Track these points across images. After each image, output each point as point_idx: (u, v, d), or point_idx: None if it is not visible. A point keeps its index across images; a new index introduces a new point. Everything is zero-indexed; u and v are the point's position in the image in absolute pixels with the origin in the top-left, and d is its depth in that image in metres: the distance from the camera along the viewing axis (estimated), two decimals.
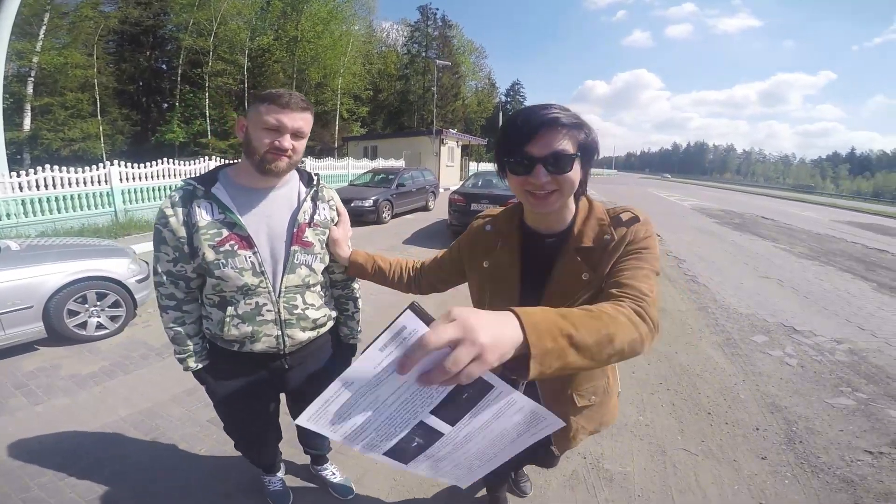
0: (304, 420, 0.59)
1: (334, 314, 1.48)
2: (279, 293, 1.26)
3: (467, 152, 25.23)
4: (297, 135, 1.16)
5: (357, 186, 10.85)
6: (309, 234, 1.28)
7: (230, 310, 1.24)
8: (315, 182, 1.35)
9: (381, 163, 17.66)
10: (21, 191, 7.34)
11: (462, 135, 24.27)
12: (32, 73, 18.39)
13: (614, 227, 0.95)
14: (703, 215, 14.30)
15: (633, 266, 0.88)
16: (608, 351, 0.65)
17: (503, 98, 53.63)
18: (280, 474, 1.87)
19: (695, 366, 3.25)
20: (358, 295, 1.57)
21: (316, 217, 1.31)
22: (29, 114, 18.68)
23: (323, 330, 1.43)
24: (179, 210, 1.17)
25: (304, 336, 1.35)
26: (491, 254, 1.07)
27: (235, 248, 1.18)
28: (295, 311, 1.30)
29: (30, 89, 18.52)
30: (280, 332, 1.29)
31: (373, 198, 9.40)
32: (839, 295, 5.40)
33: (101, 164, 8.29)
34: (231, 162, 1.32)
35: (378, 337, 0.49)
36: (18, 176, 7.32)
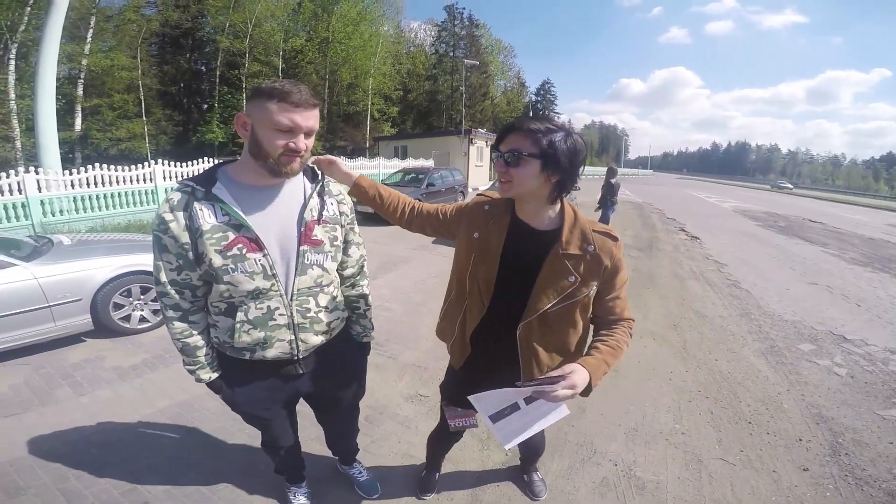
0: (473, 399, 1.10)
1: (346, 314, 1.43)
2: (291, 296, 1.21)
3: None
4: (308, 133, 1.10)
5: (389, 186, 10.91)
6: (318, 232, 1.23)
7: (240, 315, 1.18)
8: (320, 177, 1.28)
9: (410, 162, 17.72)
10: (73, 188, 7.74)
11: (491, 134, 23.99)
12: (82, 75, 19.43)
13: (597, 239, 1.15)
14: (745, 217, 13.68)
15: (623, 296, 1.23)
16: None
17: (533, 97, 52.99)
18: (304, 486, 1.83)
19: (736, 374, 3.14)
20: (368, 291, 1.52)
21: (325, 213, 1.26)
22: (80, 114, 19.75)
23: (335, 332, 1.39)
24: (180, 214, 1.09)
25: (317, 340, 1.30)
26: (483, 228, 1.23)
27: (244, 251, 1.12)
28: (308, 315, 1.25)
29: (80, 91, 19.56)
30: (293, 337, 1.24)
31: None
32: (894, 303, 5.05)
33: (145, 163, 8.65)
34: (228, 159, 1.25)
35: (527, 385, 1.05)
36: (71, 174, 7.74)
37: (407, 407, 2.61)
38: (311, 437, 2.03)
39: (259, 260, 1.13)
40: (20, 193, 7.02)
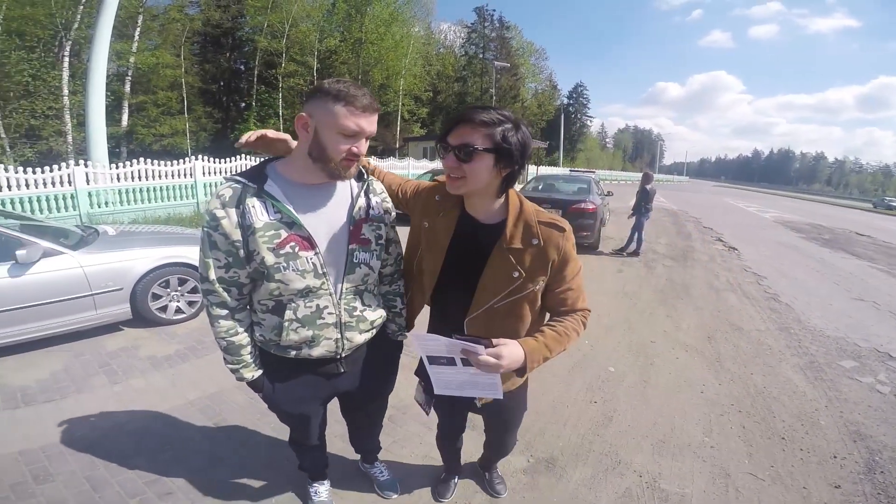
0: (412, 335, 1.14)
1: (385, 313, 1.43)
2: (340, 295, 1.21)
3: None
4: (369, 137, 1.11)
5: None
6: (366, 231, 1.24)
7: (289, 314, 1.17)
8: (366, 175, 1.28)
9: (439, 163, 17.74)
10: (118, 181, 8.12)
11: None
12: (129, 73, 20.39)
13: (543, 232, 1.11)
14: (787, 229, 13.02)
15: (576, 287, 1.19)
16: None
17: (565, 100, 52.24)
18: (326, 483, 1.84)
19: (772, 388, 3.05)
20: (404, 290, 1.52)
21: (371, 212, 1.26)
22: (126, 110, 20.74)
23: (377, 331, 1.38)
24: (232, 211, 1.07)
25: (361, 339, 1.30)
26: (433, 218, 1.22)
27: (297, 249, 1.11)
28: (354, 314, 1.26)
29: (127, 88, 20.53)
30: (339, 336, 1.24)
31: None
32: None
33: (186, 159, 8.99)
34: (274, 157, 1.24)
35: (460, 338, 1.03)
36: (117, 168, 8.12)
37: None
38: (335, 433, 2.03)
39: (311, 258, 1.13)
40: (70, 185, 7.41)
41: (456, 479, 1.94)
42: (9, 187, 6.76)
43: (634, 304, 4.80)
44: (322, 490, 1.81)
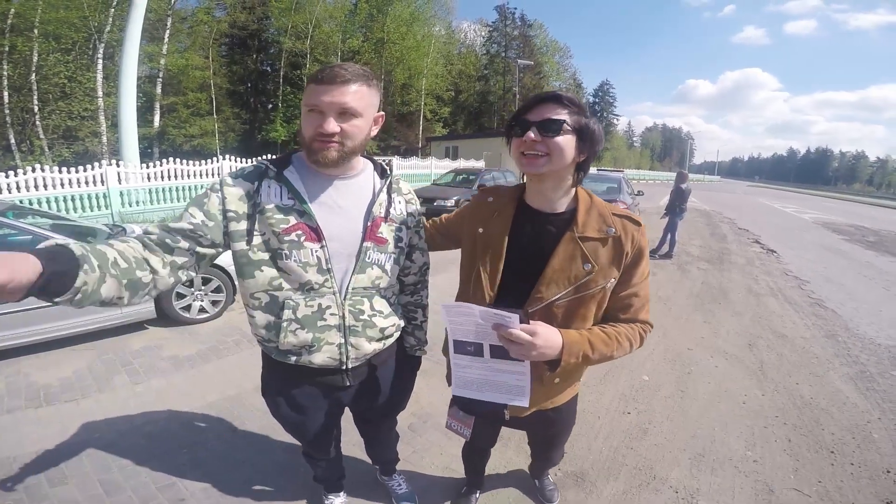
0: (442, 304, 0.98)
1: (402, 324, 1.32)
2: (345, 294, 1.11)
3: None
4: (344, 114, 0.98)
5: (440, 186, 10.95)
6: (384, 230, 1.15)
7: (287, 313, 1.07)
8: (389, 172, 1.21)
9: (461, 163, 17.69)
10: (149, 181, 8.33)
11: None
12: (161, 75, 20.97)
13: (618, 222, 1.03)
14: (829, 230, 12.35)
15: (642, 293, 1.09)
16: (605, 362, 1.05)
17: (591, 98, 51.34)
18: (342, 495, 1.78)
19: (819, 399, 2.89)
20: (427, 302, 1.42)
21: (392, 211, 1.18)
22: (158, 112, 21.38)
23: (389, 341, 1.27)
24: (246, 184, 1.04)
25: (369, 347, 1.18)
26: (486, 222, 1.14)
27: (302, 238, 1.04)
28: (361, 318, 1.15)
29: (159, 89, 21.15)
30: (343, 341, 1.13)
31: (455, 197, 9.38)
32: None
33: (214, 159, 9.17)
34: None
35: (495, 308, 0.93)
36: (148, 168, 8.34)
37: None
38: (353, 442, 1.96)
39: (315, 251, 1.06)
40: (102, 185, 7.64)
41: (478, 494, 1.86)
42: (45, 187, 7.00)
43: (669, 308, 4.60)
44: (337, 502, 1.74)
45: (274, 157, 1.16)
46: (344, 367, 1.18)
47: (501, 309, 0.91)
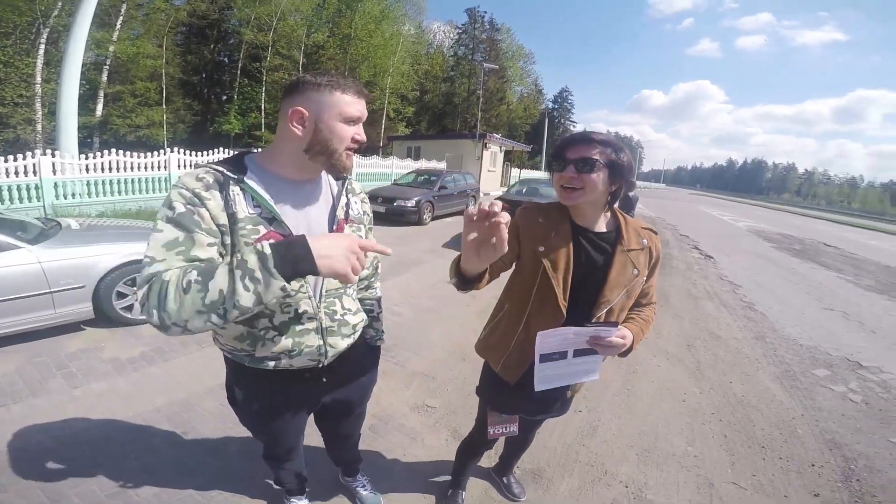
0: (540, 335, 1.18)
1: (365, 317, 1.37)
2: (320, 297, 1.13)
3: (510, 158, 24.74)
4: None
5: (401, 186, 10.86)
6: (347, 232, 1.17)
7: (264, 321, 1.06)
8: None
9: (423, 164, 17.67)
10: (87, 172, 7.77)
11: (506, 140, 23.90)
12: (108, 62, 19.65)
13: (646, 234, 1.30)
14: (760, 238, 13.38)
15: (655, 281, 1.37)
16: None
17: (550, 105, 52.77)
18: (304, 499, 1.76)
19: (750, 397, 3.11)
20: (380, 294, 1.50)
21: (351, 212, 1.20)
22: (102, 100, 19.98)
23: (357, 335, 1.31)
24: (217, 194, 0.94)
25: (343, 344, 1.22)
26: (546, 241, 1.24)
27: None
28: (335, 318, 1.18)
29: (104, 77, 19.76)
30: (322, 342, 1.15)
31: (415, 198, 9.35)
32: None
33: (161, 151, 8.69)
34: (245, 150, 1.13)
35: (593, 325, 1.18)
36: (87, 158, 7.77)
37: (413, 417, 2.53)
38: (313, 443, 1.92)
39: None
40: (35, 175, 7.05)
41: (463, 494, 1.91)
42: None
43: None
44: None
45: (222, 159, 1.07)
46: (321, 366, 1.20)
47: (598, 324, 1.18)
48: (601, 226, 1.28)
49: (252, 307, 0.82)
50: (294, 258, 0.83)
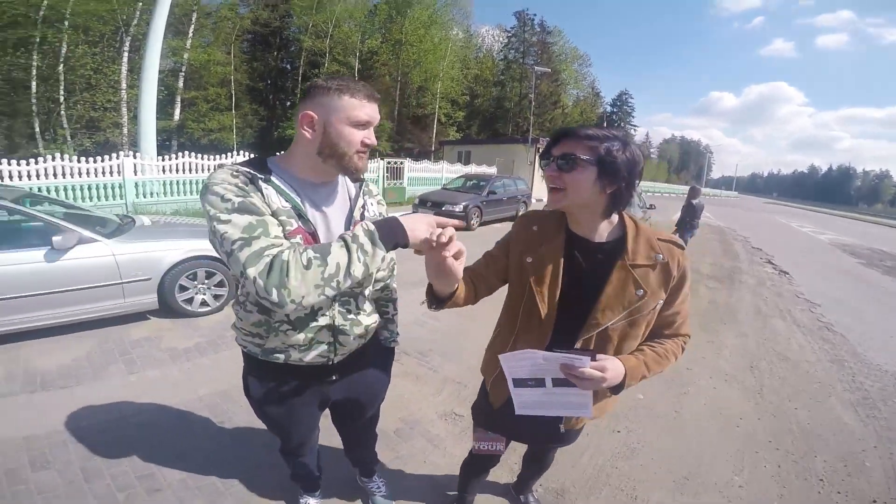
0: (502, 358, 1.03)
1: (378, 318, 1.38)
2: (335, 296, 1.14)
3: None
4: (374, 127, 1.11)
5: (449, 191, 10.94)
6: None
7: (279, 314, 1.11)
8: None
9: (473, 168, 17.68)
10: (164, 173, 8.50)
11: None
12: (183, 69, 21.29)
13: (664, 248, 1.07)
14: (845, 253, 12.04)
15: (683, 311, 1.15)
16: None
17: (608, 108, 51.01)
18: (318, 496, 1.81)
19: (817, 425, 2.83)
20: (396, 296, 1.49)
21: (366, 213, 1.22)
22: (179, 105, 21.74)
23: (370, 336, 1.33)
24: (253, 188, 0.99)
25: (354, 344, 1.25)
26: (535, 251, 1.13)
27: (302, 243, 1.05)
28: (349, 317, 1.20)
29: (181, 83, 21.49)
30: (333, 340, 1.18)
31: (463, 203, 9.36)
32: None
33: (230, 154, 9.33)
34: (257, 157, 1.19)
35: (560, 352, 0.98)
36: (164, 160, 8.52)
37: (440, 425, 2.51)
38: (334, 443, 1.97)
39: None
40: (119, 175, 7.81)
41: None
42: (63, 175, 7.19)
43: None
44: (312, 502, 1.77)
45: (244, 161, 1.11)
46: (331, 363, 1.23)
47: (571, 352, 0.98)
48: (601, 235, 1.10)
49: (361, 277, 0.93)
50: (393, 232, 0.95)
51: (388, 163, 13.52)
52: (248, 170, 1.03)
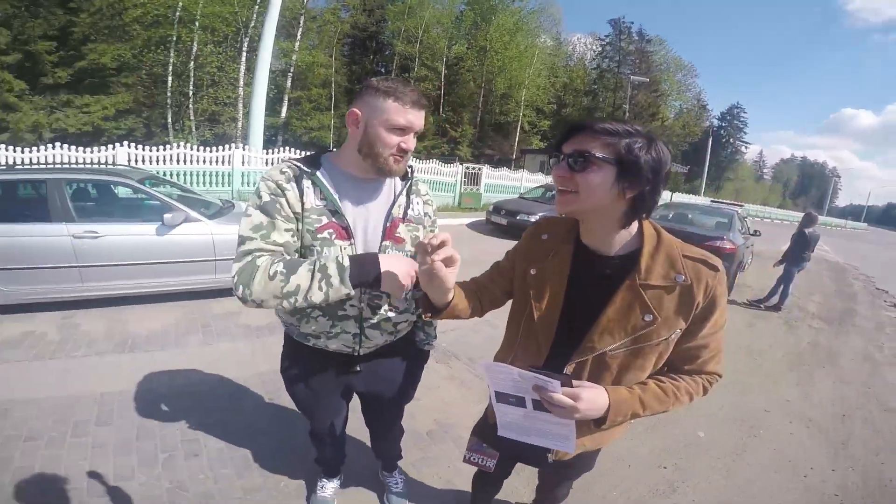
0: (483, 363, 0.93)
1: (414, 318, 1.39)
2: (366, 289, 1.20)
3: None
4: (416, 133, 1.13)
5: (527, 200, 10.71)
6: (402, 230, 1.24)
7: None
8: (410, 175, 1.28)
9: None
10: (267, 165, 9.38)
11: None
12: (291, 70, 23.12)
13: (689, 267, 0.90)
14: None
15: (713, 345, 0.95)
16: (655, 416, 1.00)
17: (716, 122, 46.83)
18: (336, 482, 1.87)
19: None
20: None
21: (410, 212, 1.26)
22: (286, 104, 23.75)
23: (400, 335, 1.36)
24: (293, 185, 1.11)
25: (381, 339, 1.29)
26: (540, 262, 1.04)
27: (333, 237, 1.14)
28: (378, 311, 1.24)
29: (289, 83, 23.36)
30: (359, 331, 1.24)
31: (539, 213, 9.11)
32: None
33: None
34: (330, 148, 1.30)
35: (534, 371, 0.87)
36: (268, 153, 9.46)
37: None
38: (366, 437, 2.01)
39: (344, 248, 1.15)
40: (229, 165, 8.77)
41: None
42: (183, 161, 8.26)
43: (759, 364, 4.07)
44: (329, 487, 1.84)
45: (304, 156, 1.24)
46: (356, 354, 1.29)
47: (543, 372, 0.86)
48: (614, 247, 0.95)
49: (321, 303, 1.03)
50: (366, 272, 1.04)
51: (467, 168, 13.62)
52: (299, 165, 1.14)
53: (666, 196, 22.54)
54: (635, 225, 0.94)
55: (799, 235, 6.07)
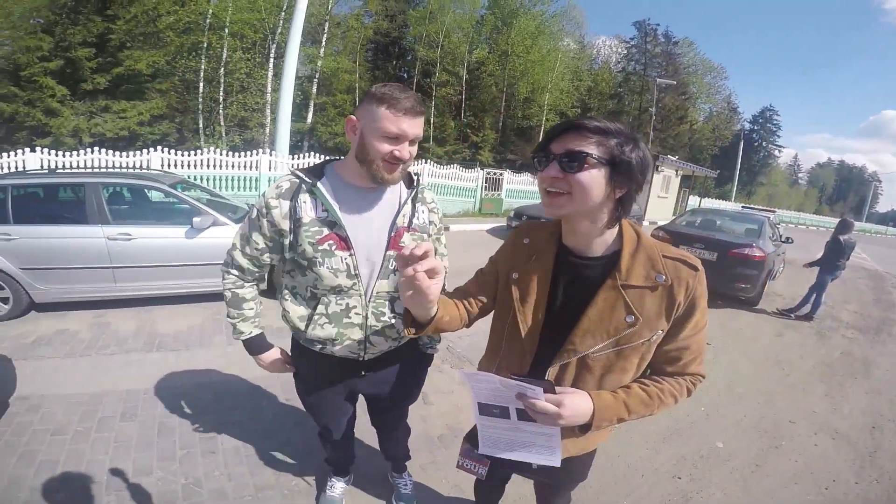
0: (463, 372, 0.92)
1: None
2: (370, 297, 1.24)
3: (688, 184, 21.50)
4: (413, 141, 1.11)
5: None
6: (406, 239, 1.24)
7: (320, 308, 1.23)
8: (416, 183, 1.28)
9: None
10: None
11: (684, 163, 20.64)
12: (317, 75, 23.55)
13: (669, 267, 0.90)
14: None
15: (693, 346, 0.94)
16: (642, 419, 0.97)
17: (748, 125, 45.35)
18: (345, 482, 1.90)
19: None
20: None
21: (415, 221, 1.27)
22: (311, 109, 24.18)
23: (404, 340, 1.38)
24: (286, 203, 1.16)
25: (385, 345, 1.32)
26: (523, 266, 1.04)
27: (333, 247, 1.17)
28: (382, 319, 1.27)
29: (314, 89, 23.79)
30: (363, 338, 1.27)
31: None
32: None
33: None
34: (335, 158, 1.33)
35: (516, 378, 0.85)
36: (294, 158, 9.69)
37: None
38: (376, 439, 2.05)
39: (345, 258, 1.19)
40: (256, 170, 9.01)
41: None
42: (213, 167, 8.54)
43: (786, 375, 3.93)
44: (338, 486, 1.87)
45: (309, 165, 1.28)
46: (361, 359, 1.33)
47: (525, 380, 0.86)
48: (597, 248, 0.95)
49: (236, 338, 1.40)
50: (253, 350, 1.45)
51: (488, 173, 13.59)
52: (302, 176, 1.18)
53: (695, 201, 22.01)
54: (616, 227, 0.95)
55: (833, 242, 5.81)
